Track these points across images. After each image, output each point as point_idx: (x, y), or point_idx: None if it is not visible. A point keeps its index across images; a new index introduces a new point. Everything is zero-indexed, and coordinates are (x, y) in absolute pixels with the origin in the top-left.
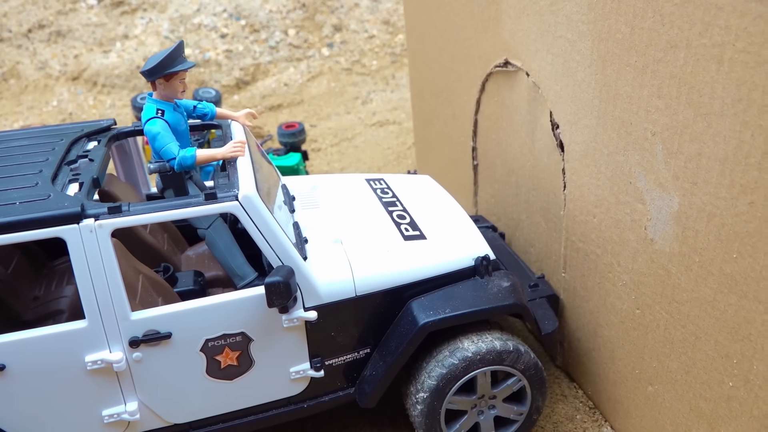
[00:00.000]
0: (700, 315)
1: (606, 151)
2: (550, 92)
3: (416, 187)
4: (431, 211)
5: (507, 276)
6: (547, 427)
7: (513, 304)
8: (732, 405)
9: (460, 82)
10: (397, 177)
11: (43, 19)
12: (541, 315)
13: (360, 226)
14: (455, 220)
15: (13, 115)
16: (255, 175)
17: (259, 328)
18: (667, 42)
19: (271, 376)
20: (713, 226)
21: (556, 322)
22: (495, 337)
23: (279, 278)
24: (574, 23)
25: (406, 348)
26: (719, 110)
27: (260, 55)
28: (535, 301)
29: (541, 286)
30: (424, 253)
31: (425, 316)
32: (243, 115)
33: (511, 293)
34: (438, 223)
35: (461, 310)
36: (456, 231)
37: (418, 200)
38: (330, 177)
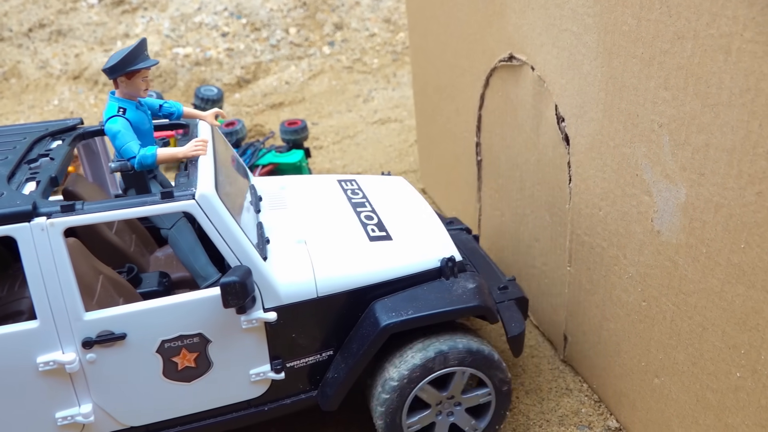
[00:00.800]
0: (707, 306)
1: (612, 143)
2: (555, 86)
3: (388, 189)
4: (400, 213)
5: (473, 277)
6: (553, 420)
7: (477, 305)
8: (739, 395)
9: (464, 77)
10: (370, 178)
11: (44, 18)
12: (509, 317)
13: (326, 227)
14: (424, 221)
15: (14, 114)
16: (216, 174)
17: (217, 329)
18: (674, 33)
19: (230, 378)
20: (721, 216)
21: (523, 324)
22: (474, 340)
23: (235, 278)
24: (580, 16)
25: (368, 349)
26: (727, 100)
27: (261, 54)
28: (503, 303)
29: (511, 288)
30: (389, 254)
31: (387, 317)
32: (210, 115)
33: (476, 295)
34: (406, 225)
35: (424, 311)
36: (423, 232)
37: (389, 201)
38: (301, 178)
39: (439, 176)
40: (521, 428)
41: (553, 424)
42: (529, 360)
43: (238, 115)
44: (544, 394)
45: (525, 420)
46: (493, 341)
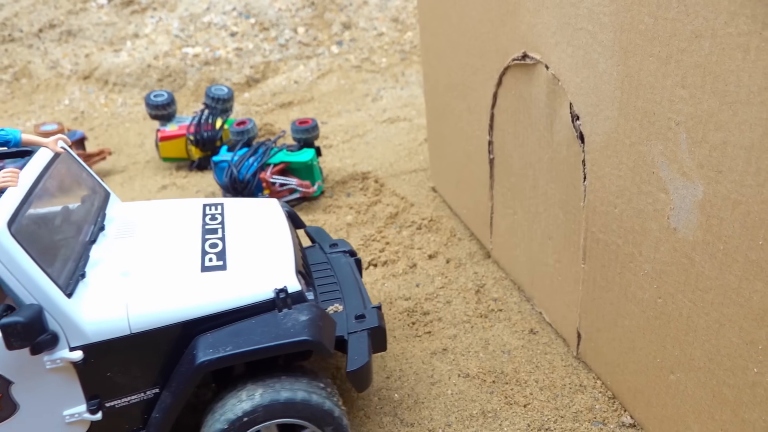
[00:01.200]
0: (724, 302)
1: (628, 141)
2: (570, 84)
3: (253, 213)
4: (252, 240)
5: (309, 309)
6: (567, 417)
7: (303, 340)
8: (757, 391)
9: (476, 76)
10: (240, 202)
11: (54, 19)
12: (354, 349)
13: (159, 258)
14: (274, 249)
15: (25, 114)
16: (21, 207)
17: (17, 369)
18: (691, 32)
19: (42, 420)
20: (738, 213)
21: (366, 357)
22: (288, 386)
23: (18, 319)
24: (596, 15)
25: (184, 389)
26: (745, 98)
27: (270, 53)
28: (355, 333)
29: (369, 317)
30: (218, 286)
31: (204, 354)
32: (53, 141)
33: (306, 328)
34: (251, 253)
35: (244, 347)
36: (265, 262)
37: (246, 227)
38: (167, 203)
39: (449, 175)
40: (535, 425)
41: (568, 420)
42: (543, 357)
43: (248, 115)
44: (558, 391)
45: (539, 416)
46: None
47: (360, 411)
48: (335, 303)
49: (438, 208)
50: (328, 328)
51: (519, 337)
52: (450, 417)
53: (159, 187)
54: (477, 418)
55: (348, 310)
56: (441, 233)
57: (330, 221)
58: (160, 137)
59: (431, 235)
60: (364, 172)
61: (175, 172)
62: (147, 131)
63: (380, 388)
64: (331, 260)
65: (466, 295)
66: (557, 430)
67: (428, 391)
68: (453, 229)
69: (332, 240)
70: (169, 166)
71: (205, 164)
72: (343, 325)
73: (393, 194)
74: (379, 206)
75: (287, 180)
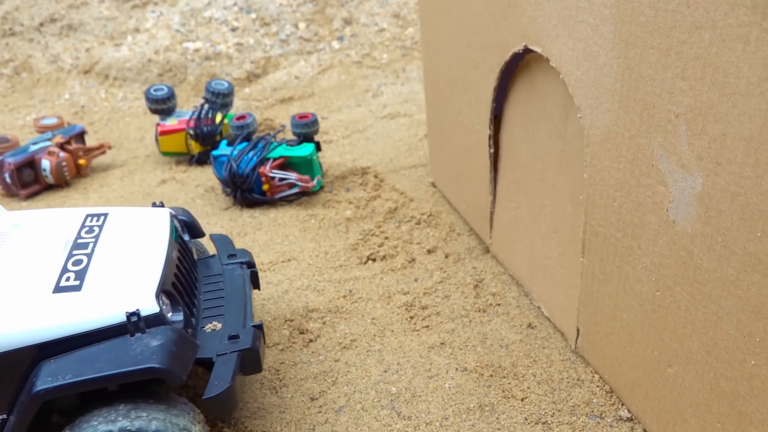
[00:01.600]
0: (722, 295)
1: (628, 134)
2: (570, 77)
3: (135, 225)
4: (122, 256)
5: (164, 334)
6: (564, 410)
7: (148, 368)
8: (754, 383)
9: (477, 70)
10: (126, 212)
11: (55, 13)
12: (216, 374)
13: (15, 275)
14: (140, 267)
15: (25, 108)
16: None
17: None
18: (692, 23)
19: None
20: (737, 205)
21: (227, 382)
22: (143, 415)
23: None
24: (597, 7)
25: (24, 418)
26: (745, 90)
27: (271, 49)
28: (224, 356)
29: (243, 338)
30: (68, 308)
31: (42, 382)
32: None
33: (154, 355)
34: (114, 272)
35: (84, 375)
36: (126, 282)
37: (121, 242)
38: (49, 212)
39: (449, 170)
40: (533, 418)
41: (565, 414)
42: (541, 351)
43: (248, 110)
44: (556, 385)
45: (537, 410)
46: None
47: (357, 404)
48: (215, 320)
49: (437, 203)
50: (183, 354)
51: (517, 332)
52: (447, 410)
53: (159, 181)
54: (474, 411)
55: (225, 329)
56: (440, 228)
57: (329, 216)
58: (160, 132)
59: (430, 230)
60: (364, 167)
61: (175, 166)
62: (147, 126)
63: (378, 381)
64: (226, 272)
65: (465, 289)
66: (554, 423)
67: (426, 384)
68: (452, 224)
69: (233, 250)
70: (168, 160)
71: (205, 159)
72: (215, 345)
73: (392, 189)
74: (378, 201)
75: (287, 174)
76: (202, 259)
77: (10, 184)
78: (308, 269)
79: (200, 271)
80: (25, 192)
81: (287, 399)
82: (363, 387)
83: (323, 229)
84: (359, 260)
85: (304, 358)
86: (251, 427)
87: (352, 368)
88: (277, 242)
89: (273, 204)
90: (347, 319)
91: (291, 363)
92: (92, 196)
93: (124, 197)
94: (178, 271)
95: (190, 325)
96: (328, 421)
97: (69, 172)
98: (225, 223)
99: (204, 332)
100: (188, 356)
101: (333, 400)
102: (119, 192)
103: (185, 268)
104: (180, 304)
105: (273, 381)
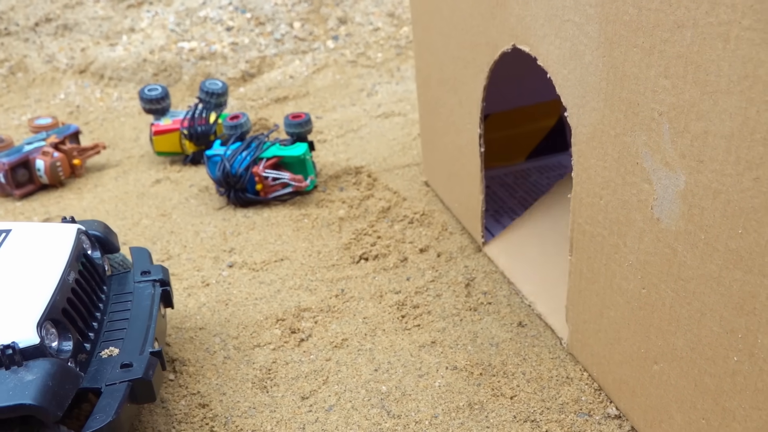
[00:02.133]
0: (705, 291)
1: (613, 132)
2: (558, 76)
3: (34, 245)
4: (11, 280)
5: (41, 366)
6: (553, 408)
7: (19, 404)
8: (737, 379)
9: (467, 69)
10: (30, 229)
11: (50, 13)
12: (100, 407)
13: None
14: (25, 293)
15: (21, 108)
16: None
17: None
18: (674, 22)
19: None
20: (719, 202)
21: (109, 417)
22: None
23: None
24: (582, 6)
25: None
26: (725, 88)
27: (266, 48)
28: (112, 386)
29: (137, 366)
30: None
31: None
32: None
33: (27, 390)
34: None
35: None
36: (8, 309)
37: (15, 264)
38: None
39: (441, 169)
40: (521, 416)
41: (554, 412)
42: (531, 349)
43: (243, 109)
44: (545, 383)
45: (526, 408)
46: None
47: (348, 403)
48: (114, 345)
49: (430, 203)
50: (60, 388)
51: (507, 330)
52: (437, 409)
53: (153, 181)
54: (464, 410)
55: (122, 355)
56: (433, 227)
57: (322, 215)
58: (154, 131)
59: (423, 229)
60: (358, 166)
61: (169, 166)
62: (142, 126)
63: (368, 380)
64: (136, 291)
65: (456, 288)
66: (543, 421)
67: (416, 383)
68: (445, 223)
69: (148, 266)
70: (163, 160)
71: (199, 158)
72: (106, 373)
73: (386, 189)
74: (371, 200)
75: (280, 174)
76: (117, 275)
77: (4, 184)
78: (301, 269)
79: (112, 288)
80: (19, 192)
81: (278, 398)
82: (353, 386)
83: (316, 228)
84: (352, 259)
85: (296, 357)
86: (242, 426)
87: (343, 367)
88: (270, 242)
89: (266, 203)
90: (339, 319)
91: (282, 362)
92: (86, 196)
93: (119, 197)
94: (74, 295)
95: (83, 351)
96: (318, 420)
97: (63, 172)
98: (218, 222)
99: (100, 358)
100: (67, 390)
101: (323, 399)
102: (114, 192)
103: (87, 288)
104: (71, 331)
105: (264, 380)
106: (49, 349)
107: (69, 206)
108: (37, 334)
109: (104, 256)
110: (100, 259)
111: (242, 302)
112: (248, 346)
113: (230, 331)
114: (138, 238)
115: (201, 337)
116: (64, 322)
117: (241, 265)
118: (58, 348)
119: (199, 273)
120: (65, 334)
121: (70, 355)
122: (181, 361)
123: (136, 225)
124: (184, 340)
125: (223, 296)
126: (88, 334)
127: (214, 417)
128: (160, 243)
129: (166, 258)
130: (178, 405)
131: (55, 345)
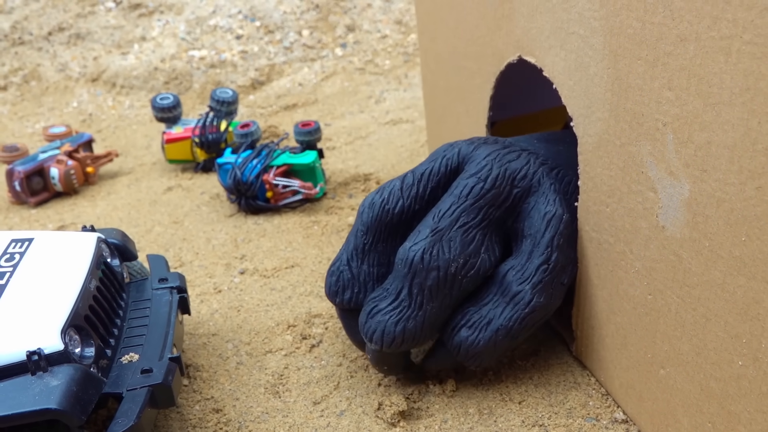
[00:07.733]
0: (710, 297)
1: (618, 142)
2: (563, 87)
3: (57, 253)
4: (36, 288)
5: (65, 372)
6: (561, 413)
7: (44, 409)
8: (742, 383)
9: (473, 79)
10: (53, 237)
11: (63, 22)
12: (122, 411)
13: None
14: (49, 300)
15: (34, 116)
16: None
17: None
18: (677, 36)
19: None
20: (722, 211)
21: (130, 421)
22: None
23: None
24: (587, 19)
25: None
26: (728, 99)
27: (275, 56)
28: (134, 391)
29: (156, 371)
30: None
31: None
32: None
33: (52, 395)
34: (21, 306)
35: None
36: (30, 317)
37: (40, 271)
38: None
39: None
40: (530, 421)
41: (561, 417)
42: (539, 355)
43: (253, 117)
44: (553, 388)
45: (534, 413)
46: None
47: (359, 408)
48: (134, 351)
49: None
50: (84, 393)
51: None
52: (446, 414)
53: (165, 188)
54: (473, 415)
55: (142, 361)
56: None
57: (332, 222)
58: (166, 139)
59: None
60: (367, 173)
61: (181, 173)
62: (154, 133)
63: (379, 385)
64: (154, 298)
65: None
66: (551, 426)
67: (425, 389)
68: None
69: (165, 273)
70: (174, 167)
71: (210, 166)
72: (128, 378)
73: None
74: None
75: (290, 182)
76: (135, 282)
77: (19, 191)
78: (311, 275)
79: (131, 296)
80: (34, 200)
81: (290, 403)
82: (364, 391)
83: (326, 235)
84: None
85: (307, 363)
86: (255, 431)
87: (354, 373)
88: (281, 248)
89: (277, 211)
90: None
91: (294, 368)
92: (100, 204)
93: (132, 204)
94: (95, 302)
95: (105, 357)
96: (330, 424)
97: (77, 179)
98: (230, 229)
99: (121, 364)
100: (91, 395)
101: (335, 404)
102: (126, 199)
103: (107, 296)
104: (93, 337)
105: (276, 386)
106: (73, 355)
107: (83, 214)
108: (62, 340)
109: (123, 263)
110: (119, 267)
111: (254, 308)
112: (260, 351)
113: (242, 337)
114: (151, 245)
115: (214, 343)
116: (86, 329)
117: (252, 271)
118: (81, 354)
119: (211, 280)
120: (87, 341)
121: (92, 360)
122: (194, 367)
123: (149, 232)
124: (198, 346)
125: (235, 303)
126: (109, 340)
127: (227, 422)
128: (173, 250)
129: (179, 265)
130: (193, 410)
131: (78, 351)
